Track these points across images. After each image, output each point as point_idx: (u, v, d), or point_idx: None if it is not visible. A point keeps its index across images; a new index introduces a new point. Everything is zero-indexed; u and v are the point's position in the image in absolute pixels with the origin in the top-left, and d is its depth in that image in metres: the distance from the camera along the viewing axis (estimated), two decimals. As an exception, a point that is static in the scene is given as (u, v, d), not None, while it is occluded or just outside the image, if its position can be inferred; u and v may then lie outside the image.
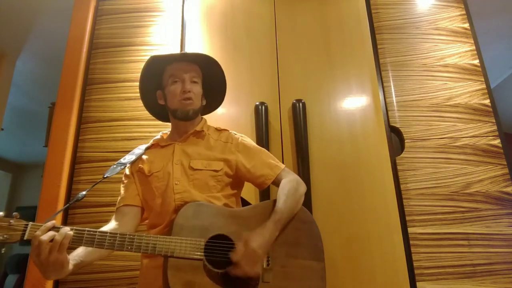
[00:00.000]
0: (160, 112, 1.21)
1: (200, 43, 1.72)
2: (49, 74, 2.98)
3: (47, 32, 2.58)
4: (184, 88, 1.08)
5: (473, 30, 1.68)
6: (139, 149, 1.17)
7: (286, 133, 1.53)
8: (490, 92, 1.57)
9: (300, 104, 1.52)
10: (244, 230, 0.92)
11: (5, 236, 0.75)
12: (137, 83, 1.66)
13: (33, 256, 0.76)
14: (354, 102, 1.56)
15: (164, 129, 1.58)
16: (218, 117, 1.53)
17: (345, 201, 1.40)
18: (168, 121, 1.20)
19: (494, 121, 1.51)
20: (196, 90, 1.10)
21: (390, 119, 1.55)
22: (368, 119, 1.52)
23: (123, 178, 1.12)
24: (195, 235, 0.90)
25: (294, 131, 1.50)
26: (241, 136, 1.15)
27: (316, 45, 1.67)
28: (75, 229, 0.81)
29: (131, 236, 0.85)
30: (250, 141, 1.15)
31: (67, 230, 0.79)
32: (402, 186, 1.43)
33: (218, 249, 0.90)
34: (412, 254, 1.34)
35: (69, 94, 1.66)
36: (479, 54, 1.63)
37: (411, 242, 1.35)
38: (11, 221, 0.76)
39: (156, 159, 1.09)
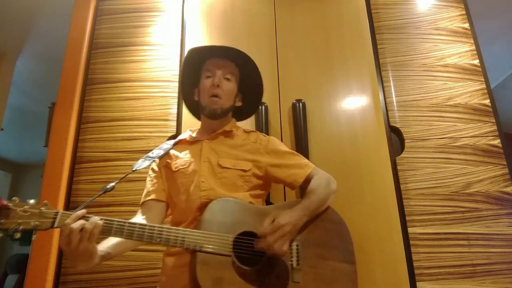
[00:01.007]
0: (198, 110, 1.21)
1: (200, 43, 1.71)
2: (49, 74, 2.98)
3: (47, 32, 2.58)
4: (213, 81, 1.08)
5: (473, 30, 1.67)
6: (167, 144, 1.16)
7: (286, 133, 1.53)
8: (490, 92, 1.57)
9: (300, 104, 1.52)
10: None
11: (36, 223, 0.75)
12: (137, 83, 1.70)
13: (62, 245, 0.76)
14: (354, 102, 1.56)
15: (165, 129, 1.59)
16: (218, 117, 1.53)
17: (345, 201, 1.39)
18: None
19: (494, 121, 1.51)
20: (227, 87, 1.10)
21: (390, 119, 1.55)
22: (368, 119, 1.52)
23: (150, 172, 1.12)
24: (222, 231, 0.89)
25: (294, 131, 1.50)
26: (270, 138, 1.15)
27: (316, 45, 1.67)
28: (105, 219, 0.80)
29: (160, 229, 0.85)
30: (279, 142, 1.15)
31: (97, 219, 0.78)
32: (402, 186, 1.43)
33: (246, 245, 0.89)
34: (412, 254, 1.34)
35: (69, 94, 1.66)
36: (479, 54, 1.63)
37: (411, 242, 1.35)
38: (42, 208, 0.77)
39: (183, 155, 1.09)
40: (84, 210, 0.79)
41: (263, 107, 1.52)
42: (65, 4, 2.21)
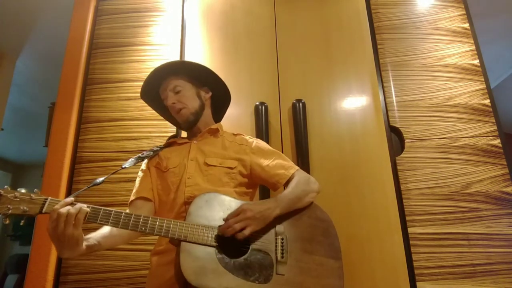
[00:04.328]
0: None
1: (200, 43, 1.72)
2: (49, 74, 2.98)
3: (47, 32, 2.58)
4: (167, 104, 1.13)
5: (473, 30, 1.68)
6: (157, 146, 1.20)
7: (286, 133, 1.53)
8: (490, 92, 1.57)
9: (300, 104, 1.52)
10: None
11: (25, 208, 0.78)
12: (137, 83, 1.70)
13: (49, 230, 0.78)
14: (354, 102, 1.56)
15: (165, 129, 1.59)
16: (218, 117, 1.53)
17: (345, 201, 1.40)
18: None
19: (494, 121, 1.51)
20: (182, 95, 1.13)
21: (390, 119, 1.55)
22: (368, 119, 1.52)
23: (140, 173, 1.14)
24: (209, 223, 0.90)
25: (294, 131, 1.50)
26: (256, 140, 1.18)
27: (316, 45, 1.67)
28: (92, 207, 0.83)
29: (146, 218, 0.86)
30: (265, 144, 1.18)
31: (83, 205, 0.81)
32: (402, 186, 1.43)
33: (231, 238, 0.90)
34: (412, 254, 1.34)
35: (69, 94, 1.66)
36: (479, 54, 1.63)
37: (411, 242, 1.35)
38: (32, 195, 0.80)
39: (172, 156, 1.11)
40: (72, 198, 0.82)
41: (263, 107, 1.52)
42: (65, 4, 2.21)
